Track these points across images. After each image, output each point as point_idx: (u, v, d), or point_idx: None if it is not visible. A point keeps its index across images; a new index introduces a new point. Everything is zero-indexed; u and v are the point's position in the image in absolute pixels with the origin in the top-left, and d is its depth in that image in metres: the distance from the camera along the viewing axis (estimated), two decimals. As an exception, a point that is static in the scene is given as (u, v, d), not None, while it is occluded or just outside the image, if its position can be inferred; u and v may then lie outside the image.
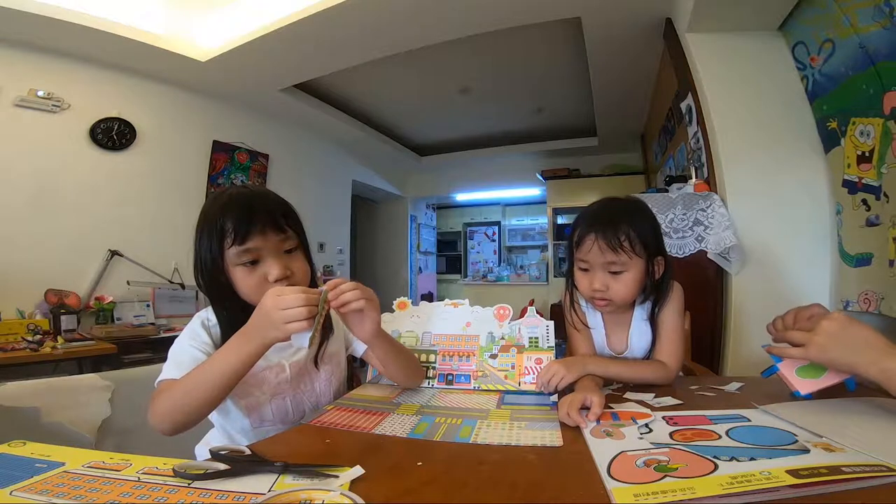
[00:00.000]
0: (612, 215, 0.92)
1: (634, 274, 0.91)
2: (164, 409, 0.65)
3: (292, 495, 0.44)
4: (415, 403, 0.83)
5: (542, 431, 0.64)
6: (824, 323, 0.62)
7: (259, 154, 3.91)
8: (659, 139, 3.57)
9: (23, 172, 2.59)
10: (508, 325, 0.95)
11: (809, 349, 0.63)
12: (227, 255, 0.75)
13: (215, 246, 0.75)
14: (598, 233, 0.90)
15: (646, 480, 0.46)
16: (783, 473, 0.45)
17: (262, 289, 0.71)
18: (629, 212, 0.94)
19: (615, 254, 0.88)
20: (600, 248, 0.89)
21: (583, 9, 2.45)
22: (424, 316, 1.01)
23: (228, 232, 0.74)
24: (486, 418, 0.72)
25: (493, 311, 0.97)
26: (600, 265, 0.91)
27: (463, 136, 5.24)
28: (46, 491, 0.46)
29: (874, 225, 1.49)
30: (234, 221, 0.74)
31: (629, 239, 0.89)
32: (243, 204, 0.76)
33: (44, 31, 2.47)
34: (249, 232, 0.74)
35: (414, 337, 0.99)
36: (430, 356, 0.97)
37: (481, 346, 0.94)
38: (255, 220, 0.75)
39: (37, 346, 2.15)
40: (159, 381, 0.72)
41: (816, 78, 1.76)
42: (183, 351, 0.75)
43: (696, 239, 1.91)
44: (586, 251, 0.91)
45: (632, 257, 0.89)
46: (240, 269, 0.76)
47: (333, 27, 2.63)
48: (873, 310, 1.49)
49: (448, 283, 7.65)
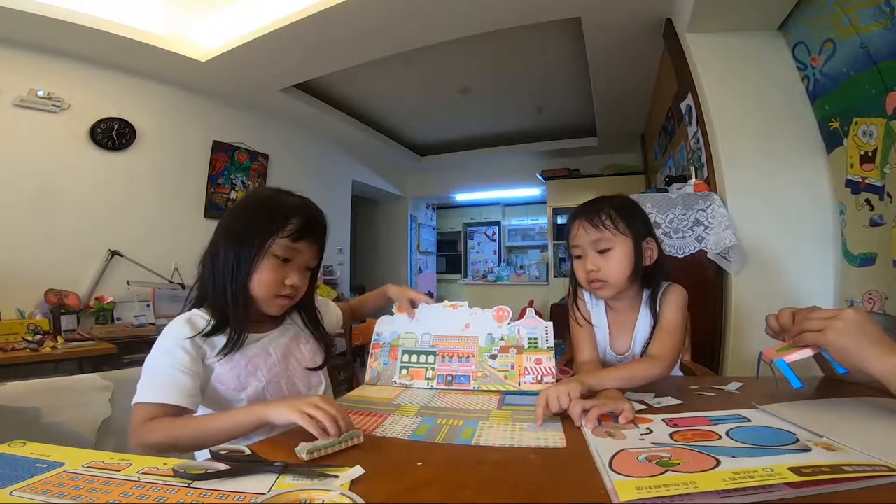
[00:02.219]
0: (595, 202, 1.00)
1: (622, 251, 0.94)
2: (155, 443, 0.66)
3: (292, 495, 0.44)
4: (415, 405, 0.83)
5: (544, 433, 0.64)
6: (848, 311, 0.62)
7: (259, 154, 3.91)
8: (659, 139, 3.57)
9: (23, 172, 2.59)
10: (507, 327, 0.94)
11: (828, 333, 0.62)
12: (273, 241, 0.80)
13: (269, 229, 0.80)
14: (581, 216, 0.97)
15: (648, 474, 0.45)
16: (785, 470, 0.44)
17: (274, 285, 0.81)
18: (611, 198, 1.01)
19: (598, 231, 0.94)
20: (584, 228, 0.96)
21: (583, 9, 2.45)
22: (424, 318, 1.02)
23: (291, 226, 0.81)
24: (488, 419, 0.72)
25: (493, 312, 0.96)
26: (589, 246, 0.96)
27: (463, 136, 5.24)
28: (46, 491, 0.46)
29: (878, 225, 1.49)
30: (300, 221, 0.83)
31: (610, 217, 0.94)
32: (311, 211, 0.86)
33: (44, 31, 2.47)
34: (304, 237, 0.83)
35: (413, 339, 0.99)
36: (430, 357, 0.97)
37: (481, 347, 0.94)
38: (313, 229, 0.85)
39: (37, 346, 2.14)
40: (137, 402, 0.71)
41: (818, 78, 1.76)
42: (160, 372, 0.74)
43: (696, 239, 1.91)
44: (574, 236, 0.98)
45: (615, 234, 0.94)
46: (271, 260, 0.81)
47: (333, 27, 2.63)
48: (877, 309, 1.49)
49: (448, 284, 7.65)
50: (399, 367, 0.99)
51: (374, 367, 1.01)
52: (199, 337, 0.78)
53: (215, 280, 0.81)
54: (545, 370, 0.89)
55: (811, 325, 0.64)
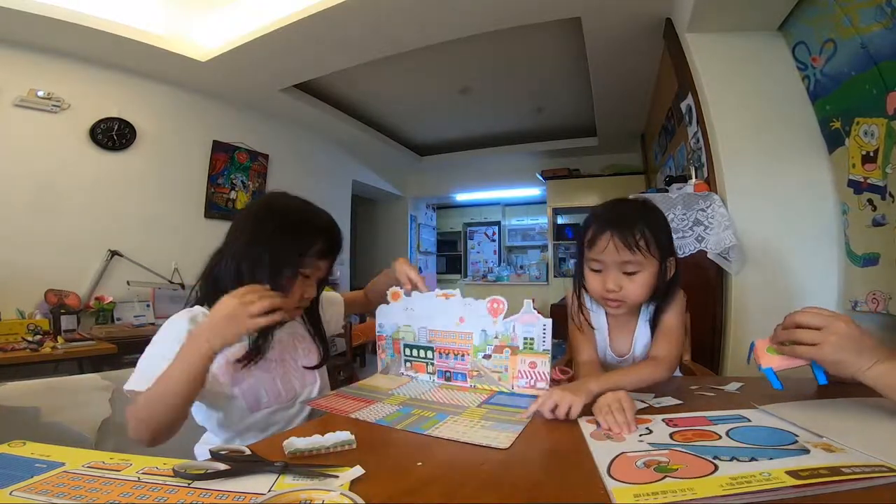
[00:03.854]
0: (627, 215, 0.91)
1: (648, 275, 0.89)
2: (136, 423, 0.67)
3: (292, 495, 0.44)
4: (405, 395, 0.85)
5: (495, 432, 0.63)
6: (840, 324, 0.61)
7: (259, 154, 3.91)
8: (659, 139, 3.57)
9: (23, 172, 2.59)
10: (503, 323, 0.87)
11: (823, 348, 0.62)
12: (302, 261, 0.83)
13: (298, 251, 0.82)
14: (613, 231, 0.88)
15: (646, 481, 0.46)
16: (783, 474, 0.44)
17: (294, 299, 0.84)
18: (644, 211, 0.93)
19: (631, 253, 0.87)
20: (616, 246, 0.87)
21: (583, 9, 2.45)
22: (418, 308, 0.97)
23: (318, 246, 0.84)
24: (460, 415, 0.73)
25: (486, 304, 0.89)
26: (615, 265, 0.89)
27: (463, 136, 5.24)
28: (46, 491, 0.46)
29: (880, 225, 1.49)
30: (328, 242, 0.86)
31: (645, 238, 0.87)
32: (334, 233, 0.88)
33: (44, 31, 2.47)
34: (329, 255, 0.87)
35: (411, 333, 0.98)
36: (428, 353, 0.96)
37: (475, 346, 0.90)
38: (335, 248, 0.88)
39: (37, 346, 2.14)
40: (131, 389, 0.72)
41: (818, 78, 1.76)
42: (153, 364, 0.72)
43: (696, 239, 1.91)
44: (600, 250, 0.90)
45: (647, 257, 0.88)
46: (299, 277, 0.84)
47: (333, 27, 2.63)
48: (881, 310, 1.48)
49: (448, 283, 7.64)
50: (403, 360, 1.00)
51: (384, 359, 1.02)
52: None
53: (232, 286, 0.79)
54: (539, 375, 0.85)
55: (804, 338, 0.64)
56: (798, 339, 0.65)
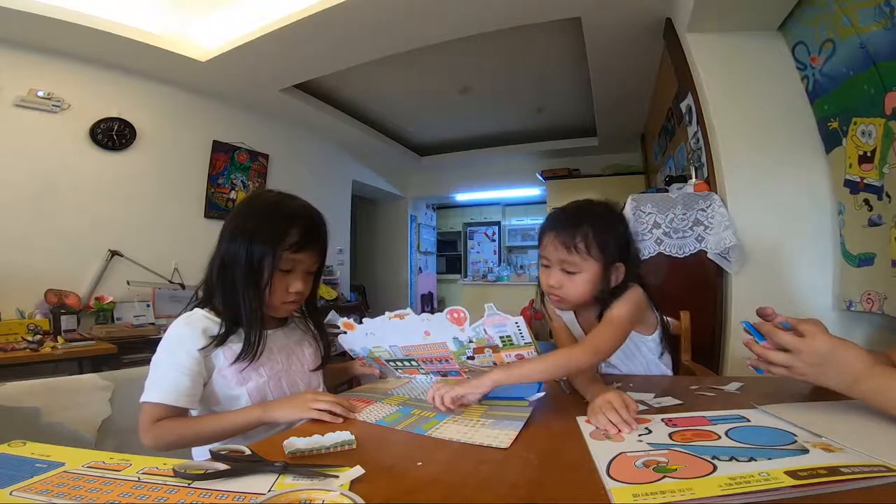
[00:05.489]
0: (575, 216, 0.93)
1: (588, 276, 0.91)
2: (169, 443, 0.74)
3: (292, 495, 0.44)
4: (405, 395, 0.86)
5: (496, 431, 0.63)
6: (818, 342, 0.61)
7: (259, 154, 3.91)
8: (659, 139, 3.57)
9: (23, 172, 2.59)
10: (471, 328, 0.81)
11: (794, 371, 0.63)
12: (276, 256, 0.81)
13: (270, 246, 0.81)
14: (556, 231, 0.92)
15: (645, 481, 0.46)
16: (782, 474, 0.45)
17: (279, 293, 0.83)
18: (594, 215, 0.93)
19: (569, 253, 0.90)
20: (555, 246, 0.92)
21: (583, 9, 2.45)
22: (378, 331, 0.93)
23: (291, 239, 0.82)
24: (460, 414, 0.73)
25: (445, 315, 0.81)
26: (556, 262, 0.93)
27: (463, 136, 5.24)
28: (46, 491, 0.46)
29: (876, 225, 1.48)
30: (300, 232, 0.83)
31: (585, 241, 0.89)
32: (308, 221, 0.86)
33: (44, 31, 2.47)
34: (306, 246, 0.84)
35: (384, 351, 0.95)
36: (413, 362, 0.94)
37: (453, 352, 0.85)
38: (314, 237, 0.85)
39: (37, 346, 2.14)
40: (145, 401, 0.76)
41: (817, 78, 1.76)
42: (163, 373, 0.78)
43: (696, 239, 1.91)
44: (543, 247, 0.95)
45: (586, 259, 0.90)
46: (276, 273, 0.82)
47: (333, 27, 2.63)
48: (876, 310, 1.48)
49: (448, 284, 7.65)
50: (394, 369, 1.00)
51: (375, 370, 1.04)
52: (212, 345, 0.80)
53: (224, 288, 0.83)
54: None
55: (775, 359, 0.65)
56: (770, 360, 0.65)
